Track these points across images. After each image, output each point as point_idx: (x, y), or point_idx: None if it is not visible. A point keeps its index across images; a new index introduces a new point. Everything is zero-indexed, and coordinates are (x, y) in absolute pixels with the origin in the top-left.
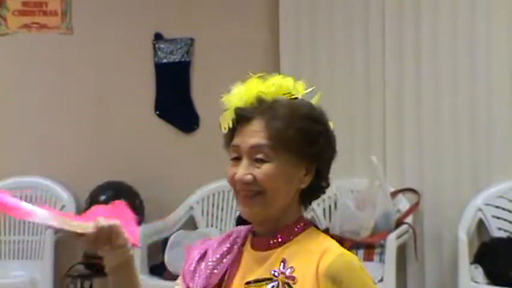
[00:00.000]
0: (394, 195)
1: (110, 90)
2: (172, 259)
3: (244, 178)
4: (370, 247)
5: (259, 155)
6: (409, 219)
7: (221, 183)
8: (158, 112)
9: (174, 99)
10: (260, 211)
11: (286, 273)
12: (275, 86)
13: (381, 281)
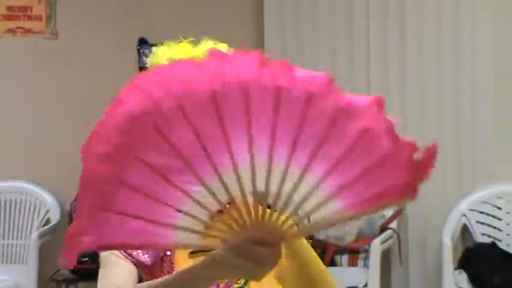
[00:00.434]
0: None
1: (95, 95)
2: None
3: None
4: (354, 252)
5: None
6: (394, 225)
7: None
8: None
9: None
10: None
11: None
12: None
13: (365, 286)
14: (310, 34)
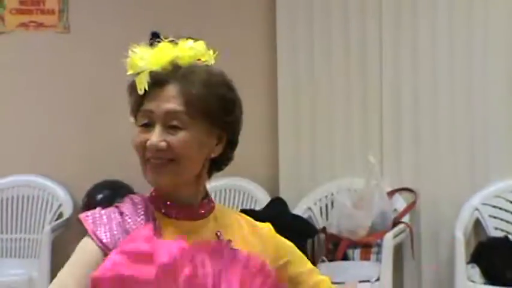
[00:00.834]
0: (391, 194)
1: (107, 88)
2: None
3: (159, 145)
4: (367, 246)
5: (174, 122)
6: (406, 219)
7: (218, 181)
8: None
9: None
10: (171, 179)
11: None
12: (191, 50)
13: (378, 280)
14: (323, 36)
